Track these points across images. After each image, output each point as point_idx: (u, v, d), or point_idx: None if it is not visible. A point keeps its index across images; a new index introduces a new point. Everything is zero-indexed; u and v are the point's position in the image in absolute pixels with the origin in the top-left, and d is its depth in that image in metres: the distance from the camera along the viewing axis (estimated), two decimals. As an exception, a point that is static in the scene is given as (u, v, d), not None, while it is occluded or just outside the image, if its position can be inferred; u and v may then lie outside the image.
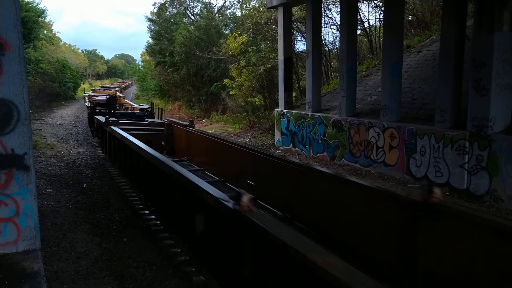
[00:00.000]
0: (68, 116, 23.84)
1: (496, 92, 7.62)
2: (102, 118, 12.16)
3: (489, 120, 7.65)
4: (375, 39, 19.14)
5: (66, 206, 7.26)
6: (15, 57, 2.62)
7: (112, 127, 10.50)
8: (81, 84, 46.63)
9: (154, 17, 33.49)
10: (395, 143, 9.68)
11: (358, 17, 17.60)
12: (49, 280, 4.50)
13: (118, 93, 27.15)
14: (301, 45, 21.20)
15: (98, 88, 38.58)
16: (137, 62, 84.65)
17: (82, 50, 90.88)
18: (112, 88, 37.80)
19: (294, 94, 18.36)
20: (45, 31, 35.01)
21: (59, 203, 7.42)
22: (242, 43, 18.89)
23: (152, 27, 33.61)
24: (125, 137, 8.68)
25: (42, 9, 29.98)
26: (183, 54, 26.32)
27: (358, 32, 20.71)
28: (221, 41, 22.31)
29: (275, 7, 14.68)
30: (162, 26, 31.96)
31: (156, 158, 6.34)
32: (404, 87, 11.14)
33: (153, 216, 6.81)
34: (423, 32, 16.29)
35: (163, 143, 11.50)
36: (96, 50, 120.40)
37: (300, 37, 20.68)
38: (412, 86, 11.53)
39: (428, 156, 8.85)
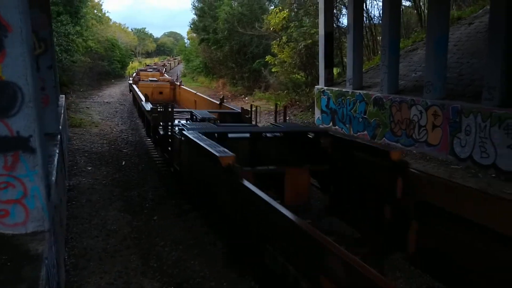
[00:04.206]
0: (116, 94, 24.46)
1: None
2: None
3: (542, 97, 7.06)
4: (424, 11, 18.09)
5: (103, 184, 7.48)
6: (17, 39, 2.63)
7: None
8: (130, 63, 47.53)
9: (197, -7, 33.42)
10: (439, 122, 9.17)
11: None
12: (76, 257, 4.66)
13: (174, 80, 20.30)
14: (345, 20, 20.47)
15: (142, 68, 31.34)
16: (184, 40, 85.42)
17: (131, 29, 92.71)
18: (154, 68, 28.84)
19: (337, 70, 17.83)
20: (95, 11, 35.73)
21: (97, 180, 7.66)
22: (284, 18, 18.48)
23: (196, 4, 33.64)
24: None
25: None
26: (226, 31, 26.19)
27: (408, 3, 19.73)
28: (264, 16, 21.94)
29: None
30: (206, 2, 31.88)
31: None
32: (452, 61, 10.49)
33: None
34: (476, 2, 15.19)
35: None
36: (145, 28, 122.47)
37: (345, 11, 19.92)
38: (461, 60, 10.82)
39: (473, 135, 8.32)
